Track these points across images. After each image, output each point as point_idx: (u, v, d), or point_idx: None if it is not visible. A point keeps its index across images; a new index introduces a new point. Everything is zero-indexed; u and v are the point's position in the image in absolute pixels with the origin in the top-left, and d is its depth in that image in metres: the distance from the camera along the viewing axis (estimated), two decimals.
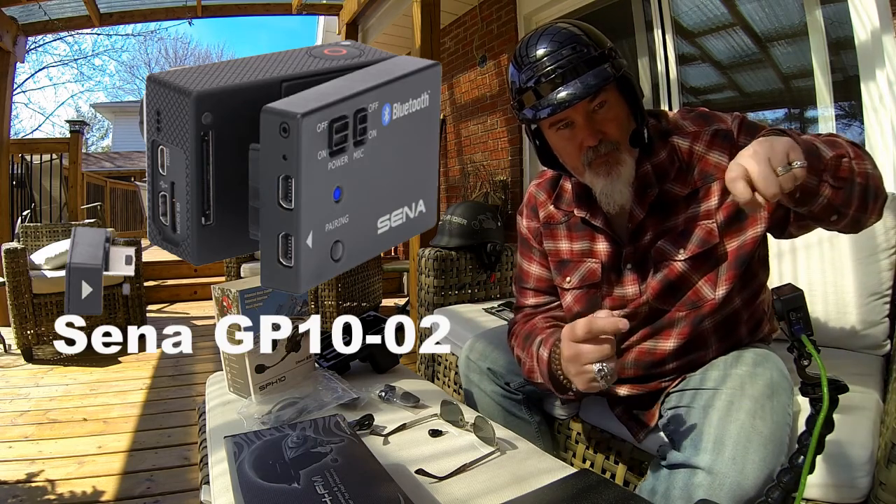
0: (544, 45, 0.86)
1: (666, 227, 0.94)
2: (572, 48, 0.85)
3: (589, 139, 0.88)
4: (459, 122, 3.97)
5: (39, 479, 1.56)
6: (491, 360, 1.15)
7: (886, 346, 1.25)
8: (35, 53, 14.77)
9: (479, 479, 0.78)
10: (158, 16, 4.60)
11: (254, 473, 0.68)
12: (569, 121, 0.89)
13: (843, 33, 1.81)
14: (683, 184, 0.93)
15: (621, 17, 2.67)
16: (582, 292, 1.02)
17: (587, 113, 0.88)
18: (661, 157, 0.94)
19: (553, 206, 1.07)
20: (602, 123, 0.88)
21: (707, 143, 0.92)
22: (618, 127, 0.89)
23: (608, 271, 0.99)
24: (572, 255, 1.04)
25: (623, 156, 0.90)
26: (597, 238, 1.01)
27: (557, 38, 0.86)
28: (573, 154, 0.92)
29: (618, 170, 0.89)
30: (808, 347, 0.60)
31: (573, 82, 0.83)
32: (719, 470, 0.75)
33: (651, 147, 0.94)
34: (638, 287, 0.97)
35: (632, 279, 0.97)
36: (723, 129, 0.92)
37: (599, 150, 0.88)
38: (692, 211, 0.92)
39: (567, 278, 1.04)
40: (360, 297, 3.30)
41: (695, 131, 0.93)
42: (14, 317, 2.76)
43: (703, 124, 0.94)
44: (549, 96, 0.85)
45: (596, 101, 0.87)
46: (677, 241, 0.93)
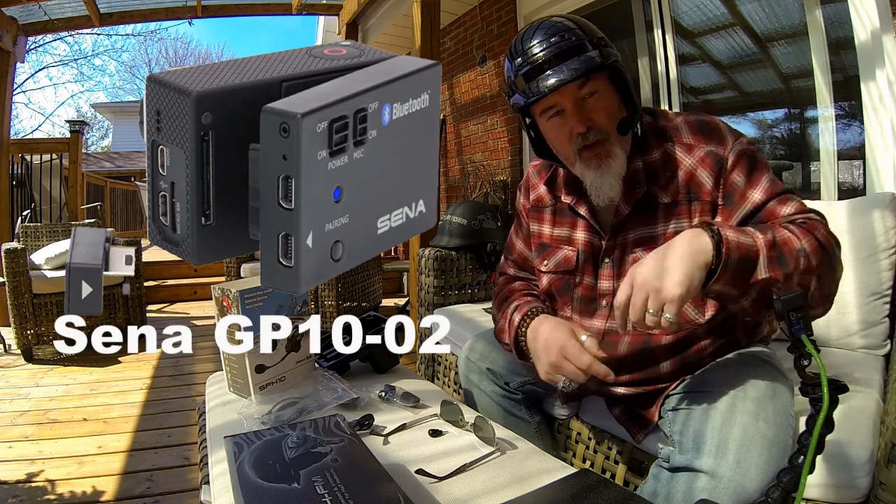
0: (537, 36, 0.89)
1: (646, 233, 0.94)
2: (560, 36, 0.87)
3: (578, 125, 0.89)
4: (459, 122, 3.97)
5: (39, 479, 1.56)
6: (490, 360, 1.15)
7: (886, 346, 1.25)
8: (35, 53, 14.79)
9: (479, 479, 0.78)
10: (158, 16, 4.59)
11: (254, 473, 0.68)
12: (559, 108, 0.91)
13: (843, 33, 1.81)
14: (666, 191, 0.92)
15: (621, 17, 2.66)
16: (557, 277, 1.05)
17: (577, 100, 0.89)
18: (654, 157, 0.94)
19: (544, 188, 1.09)
20: (591, 111, 0.90)
21: (699, 160, 0.90)
22: (607, 116, 0.90)
23: (584, 261, 1.01)
24: (552, 239, 1.06)
25: (614, 148, 0.90)
26: (578, 226, 1.02)
27: (550, 29, 0.89)
28: (564, 142, 0.93)
29: (608, 162, 0.90)
30: (808, 347, 0.60)
31: (560, 67, 0.85)
32: (723, 474, 0.74)
33: (646, 144, 0.94)
34: (612, 284, 0.97)
35: (608, 274, 0.98)
36: (718, 154, 0.89)
37: (588, 137, 0.89)
38: (672, 224, 0.92)
39: (545, 261, 1.07)
40: (360, 297, 3.30)
41: (690, 144, 0.92)
42: (14, 317, 2.76)
43: (701, 140, 0.92)
44: (537, 81, 0.87)
45: (586, 88, 0.89)
46: None
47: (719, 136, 0.91)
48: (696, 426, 0.81)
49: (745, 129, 2.39)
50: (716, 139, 0.91)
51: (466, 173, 3.89)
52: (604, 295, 0.99)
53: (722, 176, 0.89)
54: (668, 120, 0.96)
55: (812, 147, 2.04)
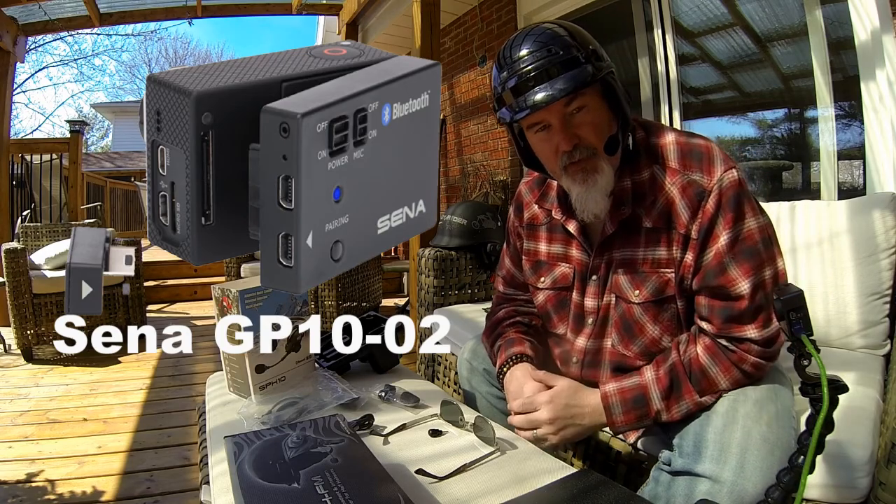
0: (526, 46, 0.85)
1: (628, 254, 0.92)
2: (548, 50, 0.83)
3: (564, 143, 0.86)
4: (459, 122, 3.98)
5: (39, 479, 1.56)
6: (489, 363, 1.15)
7: (886, 346, 1.25)
8: (35, 53, 14.80)
9: (479, 479, 0.78)
10: (158, 16, 4.59)
11: (254, 473, 0.68)
12: (545, 123, 0.87)
13: (843, 33, 1.81)
14: (649, 215, 0.89)
15: (621, 17, 2.66)
16: (554, 293, 1.04)
17: (563, 116, 0.86)
18: (643, 177, 0.90)
19: (537, 206, 1.07)
20: (578, 127, 0.86)
21: (680, 189, 0.86)
22: (595, 132, 0.86)
23: (577, 278, 1.00)
24: (548, 257, 1.05)
25: (600, 163, 0.87)
26: (571, 243, 1.01)
27: (540, 38, 0.84)
28: (550, 157, 0.90)
29: (594, 178, 0.87)
30: (808, 347, 0.60)
31: (546, 84, 0.81)
32: (726, 479, 0.73)
33: (637, 162, 0.91)
34: (596, 302, 0.97)
35: (593, 292, 0.97)
36: (701, 186, 0.84)
37: (574, 155, 0.86)
38: (651, 250, 0.89)
39: (542, 278, 1.06)
40: (360, 297, 3.30)
41: (674, 169, 0.87)
42: (14, 317, 2.76)
43: (687, 166, 0.86)
44: (524, 97, 0.83)
45: (574, 104, 0.85)
46: (634, 280, 0.91)
47: (707, 165, 0.85)
48: (697, 429, 0.81)
49: (745, 129, 2.39)
50: (704, 168, 0.85)
51: (466, 173, 3.89)
52: (590, 313, 0.98)
53: (700, 209, 0.84)
54: (659, 137, 0.91)
55: (812, 147, 2.04)
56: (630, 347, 0.93)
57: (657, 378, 0.86)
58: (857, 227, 1.28)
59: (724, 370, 0.83)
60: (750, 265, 0.82)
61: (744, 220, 0.83)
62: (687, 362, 0.85)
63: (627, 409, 0.87)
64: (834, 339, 1.29)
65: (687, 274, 0.87)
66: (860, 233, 1.28)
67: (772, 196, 2.17)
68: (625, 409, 0.87)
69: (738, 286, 0.82)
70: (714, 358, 0.83)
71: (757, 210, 0.85)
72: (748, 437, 0.75)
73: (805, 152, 2.12)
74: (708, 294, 0.85)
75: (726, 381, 0.83)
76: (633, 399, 0.87)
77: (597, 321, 0.97)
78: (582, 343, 0.99)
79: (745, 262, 0.83)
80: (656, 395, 0.85)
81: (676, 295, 0.89)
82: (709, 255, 0.84)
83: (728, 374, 0.83)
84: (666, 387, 0.85)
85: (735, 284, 0.82)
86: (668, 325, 0.91)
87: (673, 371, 0.85)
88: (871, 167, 1.66)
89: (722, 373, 0.83)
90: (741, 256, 0.83)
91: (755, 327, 0.82)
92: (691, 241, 0.85)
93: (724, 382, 0.83)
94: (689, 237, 0.85)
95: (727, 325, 0.83)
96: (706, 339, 0.85)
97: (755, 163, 2.34)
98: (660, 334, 0.91)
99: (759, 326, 0.82)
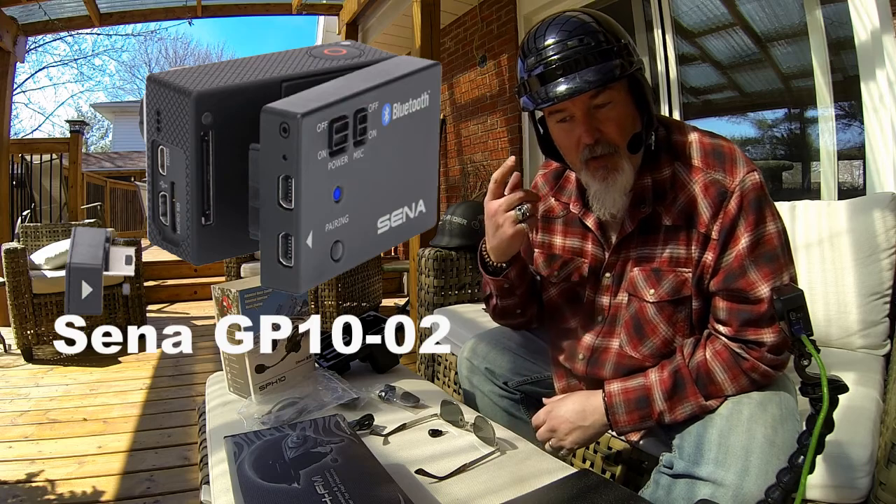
0: (553, 34, 0.82)
1: (646, 253, 0.91)
2: (580, 39, 0.80)
3: (586, 136, 0.84)
4: (459, 122, 3.97)
5: (39, 479, 1.56)
6: (489, 361, 1.15)
7: (886, 346, 1.25)
8: (35, 53, 14.78)
9: (479, 479, 0.78)
10: (158, 16, 4.59)
11: (254, 473, 0.68)
12: (569, 114, 0.85)
13: (843, 33, 1.81)
14: (669, 213, 0.87)
15: (621, 17, 2.66)
16: (566, 287, 1.03)
17: (587, 109, 0.84)
18: (663, 175, 0.88)
19: (553, 199, 1.06)
20: (602, 122, 0.84)
21: (702, 187, 0.85)
22: (618, 129, 0.84)
23: (591, 274, 0.99)
24: (563, 250, 1.03)
25: (622, 162, 0.85)
26: (587, 238, 1.00)
27: (567, 27, 0.82)
28: (571, 149, 0.89)
29: (614, 176, 0.85)
30: (808, 347, 0.60)
31: (574, 75, 0.79)
32: (730, 482, 0.72)
33: (657, 160, 0.89)
34: (609, 300, 0.96)
35: (607, 289, 0.96)
36: (723, 185, 0.83)
37: (596, 150, 0.85)
38: (671, 249, 0.88)
39: (555, 272, 1.04)
40: (360, 297, 3.30)
41: (697, 167, 0.86)
42: (14, 317, 2.76)
43: (710, 165, 0.85)
44: (548, 87, 0.81)
45: (599, 98, 0.83)
46: (650, 278, 0.89)
47: (730, 165, 0.84)
48: (698, 430, 0.80)
49: (746, 129, 2.39)
50: (727, 168, 0.84)
51: (466, 173, 3.89)
52: (600, 310, 0.97)
53: (722, 210, 0.83)
54: (681, 135, 0.90)
55: (812, 147, 2.04)
56: (639, 349, 0.92)
57: (661, 379, 0.86)
58: (857, 227, 1.28)
59: (733, 378, 0.82)
60: (769, 269, 0.82)
61: (765, 224, 0.83)
62: (694, 366, 0.85)
63: (630, 409, 0.87)
64: (834, 339, 1.29)
65: (706, 274, 0.86)
66: (860, 233, 1.28)
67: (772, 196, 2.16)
68: (628, 410, 0.87)
69: (757, 290, 0.82)
70: (724, 364, 0.83)
71: (776, 215, 0.85)
72: (752, 439, 0.74)
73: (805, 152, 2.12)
74: (726, 296, 0.85)
75: (733, 387, 0.83)
76: (637, 399, 0.87)
77: (606, 319, 0.96)
78: (589, 340, 0.98)
79: (764, 265, 0.82)
80: (660, 397, 0.85)
81: (693, 295, 0.88)
82: (729, 256, 0.83)
83: (736, 381, 0.82)
84: (669, 388, 0.85)
85: (755, 288, 0.82)
86: (682, 326, 0.90)
87: (678, 373, 0.85)
88: (872, 167, 1.66)
89: (730, 380, 0.82)
90: (761, 260, 0.82)
91: (772, 332, 0.82)
92: (711, 240, 0.84)
93: (730, 389, 0.83)
94: (710, 237, 0.84)
95: (744, 328, 0.83)
96: (718, 344, 0.85)
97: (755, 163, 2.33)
98: (672, 335, 0.90)
99: (775, 331, 0.82)
